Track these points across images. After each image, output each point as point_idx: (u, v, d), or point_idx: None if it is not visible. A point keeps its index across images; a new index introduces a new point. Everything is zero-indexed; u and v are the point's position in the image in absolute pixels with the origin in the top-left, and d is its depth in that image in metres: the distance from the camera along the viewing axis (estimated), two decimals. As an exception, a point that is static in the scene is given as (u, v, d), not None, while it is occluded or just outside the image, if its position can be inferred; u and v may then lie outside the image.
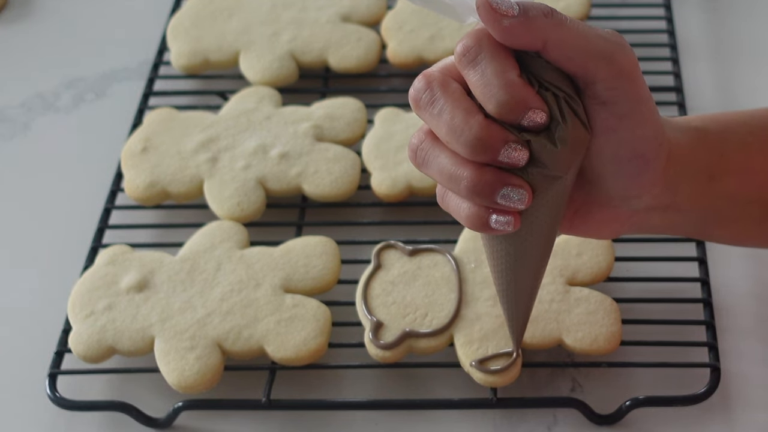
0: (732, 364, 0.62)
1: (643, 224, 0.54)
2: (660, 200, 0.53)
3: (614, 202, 0.52)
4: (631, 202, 0.52)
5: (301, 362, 0.61)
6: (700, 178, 0.53)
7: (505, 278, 0.54)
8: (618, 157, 0.50)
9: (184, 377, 0.60)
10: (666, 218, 0.54)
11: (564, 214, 0.52)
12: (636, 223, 0.54)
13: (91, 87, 0.84)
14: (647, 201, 0.52)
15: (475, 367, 0.60)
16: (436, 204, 0.70)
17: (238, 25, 0.81)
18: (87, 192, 0.75)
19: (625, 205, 0.53)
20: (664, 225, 0.55)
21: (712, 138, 0.54)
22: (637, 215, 0.53)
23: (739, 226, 0.56)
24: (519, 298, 0.55)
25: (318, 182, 0.70)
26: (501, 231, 0.49)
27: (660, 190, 0.52)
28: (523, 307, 0.56)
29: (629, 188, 0.51)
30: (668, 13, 0.83)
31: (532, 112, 0.47)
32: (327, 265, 0.65)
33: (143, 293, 0.64)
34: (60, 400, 0.62)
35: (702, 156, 0.53)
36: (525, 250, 0.52)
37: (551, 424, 0.61)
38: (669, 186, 0.52)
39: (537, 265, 0.53)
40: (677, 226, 0.56)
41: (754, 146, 0.55)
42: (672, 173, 0.52)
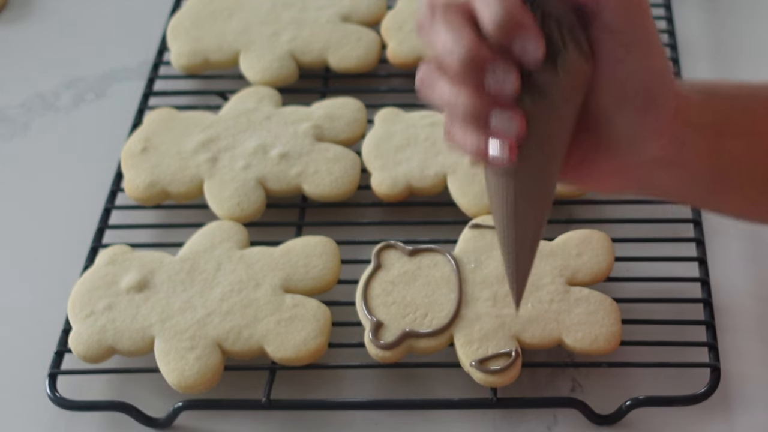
0: (732, 364, 0.62)
1: (648, 180, 0.54)
2: (666, 152, 0.52)
3: (622, 148, 0.51)
4: (638, 148, 0.51)
5: (301, 362, 0.61)
6: (706, 135, 0.53)
7: (506, 220, 0.52)
8: (625, 91, 0.49)
9: (184, 377, 0.60)
10: (671, 175, 0.54)
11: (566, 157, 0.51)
12: (642, 177, 0.53)
13: (91, 87, 0.84)
14: (654, 150, 0.52)
15: (475, 367, 0.60)
16: (436, 204, 0.70)
17: (238, 25, 0.81)
18: (87, 192, 0.75)
19: (632, 152, 0.51)
20: (670, 184, 0.54)
21: (719, 99, 0.54)
22: (643, 168, 0.52)
23: (744, 193, 0.56)
24: (520, 243, 0.53)
25: (318, 182, 0.70)
26: (499, 162, 0.48)
27: (667, 139, 0.51)
28: (524, 256, 0.54)
29: (637, 129, 0.50)
30: (668, 13, 0.83)
31: (525, 36, 0.47)
32: (327, 265, 0.65)
33: (143, 293, 0.64)
34: (60, 400, 0.62)
35: (709, 114, 0.53)
36: (525, 185, 0.51)
37: (551, 424, 0.61)
38: (676, 137, 0.52)
39: (537, 207, 0.52)
40: (682, 186, 0.55)
41: (760, 112, 0.55)
42: (679, 124, 0.51)
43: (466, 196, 0.69)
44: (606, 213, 0.71)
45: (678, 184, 0.55)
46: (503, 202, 0.51)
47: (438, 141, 0.71)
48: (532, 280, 0.63)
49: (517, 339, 0.61)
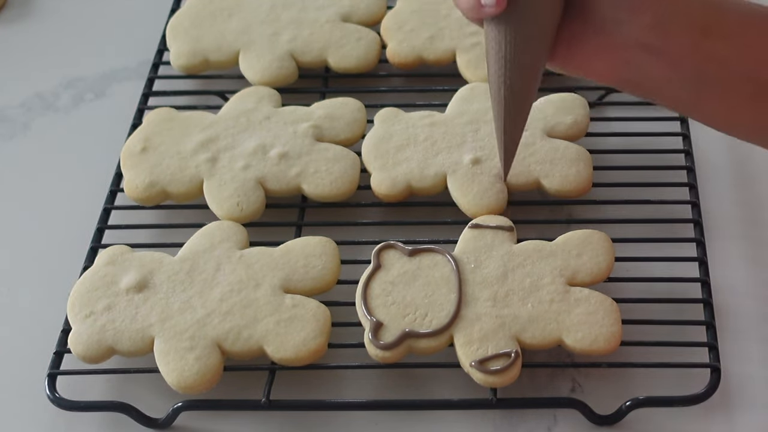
0: (732, 365, 0.62)
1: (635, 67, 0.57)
2: (650, 38, 0.56)
3: (607, 25, 0.56)
4: (622, 28, 0.55)
5: (301, 362, 0.61)
6: (692, 30, 0.56)
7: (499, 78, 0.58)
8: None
9: (184, 377, 0.60)
10: (657, 67, 0.56)
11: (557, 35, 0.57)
12: (629, 63, 0.57)
13: (91, 87, 0.84)
14: (638, 32, 0.55)
15: (475, 368, 0.60)
16: (436, 204, 0.70)
17: (237, 25, 0.81)
18: (87, 192, 0.75)
19: (616, 32, 0.56)
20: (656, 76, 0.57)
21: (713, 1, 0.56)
22: (629, 50, 0.56)
23: (732, 100, 0.58)
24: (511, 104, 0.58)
25: (318, 182, 0.70)
26: (490, 9, 0.55)
27: (649, 22, 0.55)
28: (513, 118, 0.59)
29: (619, 6, 0.55)
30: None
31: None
32: (327, 266, 0.65)
33: (143, 293, 0.64)
34: (59, 400, 0.62)
35: (698, 10, 0.56)
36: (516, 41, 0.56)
37: (551, 425, 0.61)
38: (659, 24, 0.55)
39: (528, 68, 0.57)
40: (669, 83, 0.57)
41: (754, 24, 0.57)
42: (663, 11, 0.55)
43: (466, 196, 0.69)
44: (606, 213, 0.71)
45: (664, 79, 0.57)
46: (497, 57, 0.57)
47: (438, 141, 0.71)
48: (532, 280, 0.63)
49: (517, 339, 0.61)
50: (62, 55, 0.87)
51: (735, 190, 0.72)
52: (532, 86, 0.59)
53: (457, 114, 0.73)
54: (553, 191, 0.69)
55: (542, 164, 0.70)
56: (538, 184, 0.69)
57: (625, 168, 0.72)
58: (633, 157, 0.73)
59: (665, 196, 0.71)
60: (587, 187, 0.69)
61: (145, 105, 0.79)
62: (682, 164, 0.72)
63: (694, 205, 0.69)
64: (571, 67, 0.59)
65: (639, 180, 0.72)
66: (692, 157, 0.72)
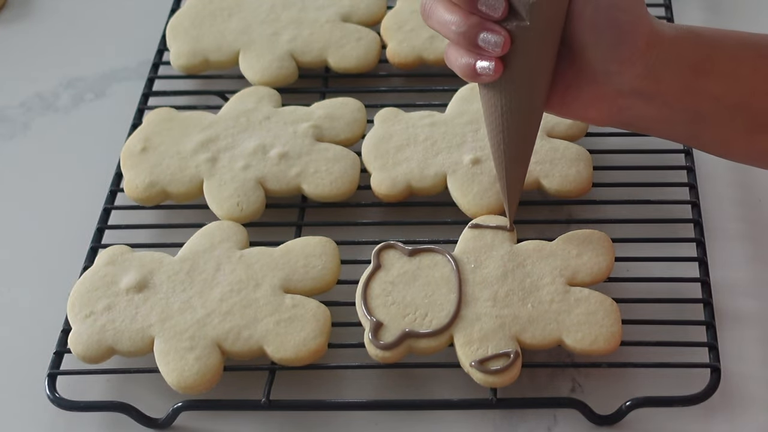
0: (732, 364, 0.62)
1: (629, 112, 0.58)
2: (642, 85, 0.56)
3: (599, 77, 0.56)
4: (614, 79, 0.56)
5: (301, 362, 0.61)
6: (684, 72, 0.56)
7: (497, 135, 0.59)
8: (595, 24, 0.55)
9: (184, 377, 0.60)
10: (651, 110, 0.57)
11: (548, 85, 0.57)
12: (623, 108, 0.58)
13: (91, 87, 0.84)
14: (630, 81, 0.56)
15: (475, 368, 0.60)
16: (436, 204, 0.70)
17: (237, 25, 0.81)
18: (87, 192, 0.75)
19: (609, 83, 0.56)
20: (651, 118, 0.58)
21: (702, 40, 0.57)
22: (622, 98, 0.57)
23: (727, 132, 0.59)
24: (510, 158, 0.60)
25: (318, 182, 0.70)
26: (485, 77, 0.56)
27: (640, 72, 0.56)
28: (514, 169, 0.60)
29: (607, 61, 0.55)
30: (668, 13, 0.83)
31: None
32: (327, 266, 0.65)
33: (143, 293, 0.64)
34: (59, 400, 0.62)
35: (689, 52, 0.57)
36: (512, 102, 0.57)
37: (551, 425, 0.61)
38: (651, 72, 0.56)
39: (525, 124, 0.58)
40: (664, 122, 0.58)
41: (745, 58, 0.58)
42: (654, 59, 0.55)
43: (466, 196, 0.68)
44: (606, 213, 0.71)
45: (659, 119, 0.58)
46: (493, 119, 0.58)
47: (438, 141, 0.71)
48: (532, 280, 0.63)
49: (517, 339, 0.61)
50: (62, 55, 0.87)
51: (735, 190, 0.72)
52: (530, 138, 0.60)
53: (457, 114, 0.73)
54: (553, 191, 0.69)
55: (542, 164, 0.70)
56: (538, 184, 0.69)
57: (625, 168, 0.72)
58: (633, 157, 0.73)
59: (665, 196, 0.71)
60: (587, 187, 0.69)
61: (145, 105, 0.79)
62: (682, 164, 0.72)
63: (694, 205, 0.69)
64: (566, 114, 0.59)
65: (639, 180, 0.72)
66: (692, 157, 0.72)
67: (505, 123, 0.58)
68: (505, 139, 0.59)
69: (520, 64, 0.56)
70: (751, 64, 0.57)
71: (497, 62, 0.56)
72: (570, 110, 0.59)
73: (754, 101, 0.57)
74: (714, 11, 0.87)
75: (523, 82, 0.57)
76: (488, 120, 0.59)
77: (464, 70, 0.56)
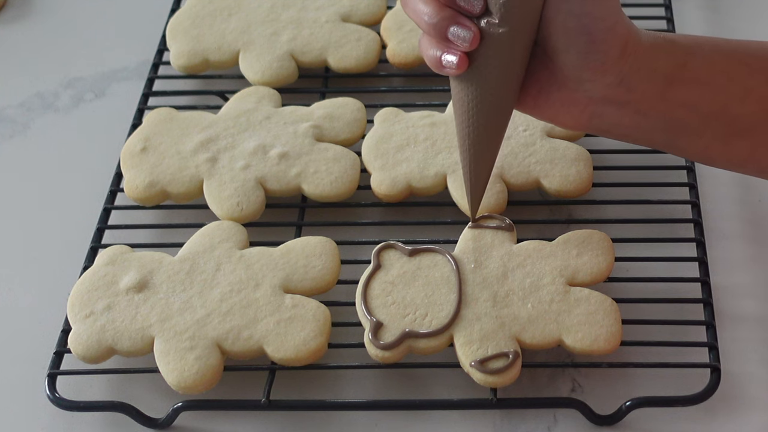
0: (732, 364, 0.62)
1: (602, 118, 0.57)
2: (614, 93, 0.56)
3: (570, 83, 0.56)
4: (585, 86, 0.56)
5: (301, 362, 0.61)
6: (657, 80, 0.56)
7: (463, 130, 0.59)
8: (567, 30, 0.54)
9: (184, 377, 0.60)
10: (625, 117, 0.57)
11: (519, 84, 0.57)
12: (595, 114, 0.57)
13: (91, 87, 0.84)
14: (601, 90, 0.56)
15: (475, 368, 0.60)
16: (436, 204, 0.70)
17: (237, 25, 0.81)
18: (87, 192, 0.75)
19: (580, 89, 0.56)
20: (624, 125, 0.57)
21: (677, 48, 0.56)
22: (594, 105, 0.56)
23: (704, 140, 0.58)
24: (475, 153, 0.59)
25: (318, 182, 0.70)
26: (450, 70, 0.56)
27: (612, 80, 0.55)
28: (478, 166, 0.60)
29: (580, 68, 0.55)
30: (668, 13, 0.83)
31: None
32: (327, 266, 0.65)
33: (143, 293, 0.64)
34: (59, 400, 0.62)
35: (663, 60, 0.56)
36: (480, 99, 0.57)
37: (551, 425, 0.61)
38: (623, 81, 0.55)
39: (492, 121, 0.58)
40: (638, 129, 0.58)
41: (720, 65, 0.57)
42: (627, 69, 0.55)
43: (466, 197, 0.68)
44: (606, 213, 0.71)
45: (634, 127, 0.58)
46: (461, 112, 0.58)
47: (438, 141, 0.71)
48: (532, 280, 0.63)
49: (517, 339, 0.61)
50: (62, 55, 0.87)
51: (735, 190, 0.72)
52: (497, 136, 0.60)
53: (457, 114, 0.73)
54: (553, 191, 0.69)
55: (542, 164, 0.70)
56: (538, 184, 0.69)
57: (625, 168, 0.72)
58: (633, 157, 0.73)
59: (665, 196, 0.71)
60: (587, 187, 0.69)
61: (145, 105, 0.79)
62: (682, 164, 0.72)
63: (694, 205, 0.69)
64: (539, 116, 0.59)
65: (639, 180, 0.72)
66: (692, 157, 0.72)
67: (472, 119, 0.58)
68: (471, 134, 0.59)
69: (490, 62, 0.56)
70: (726, 71, 0.57)
71: (462, 57, 0.56)
72: (542, 112, 0.59)
73: (730, 108, 0.57)
74: (714, 11, 0.87)
75: (492, 81, 0.57)
76: (456, 114, 0.59)
77: (432, 61, 0.57)
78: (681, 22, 0.85)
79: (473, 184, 0.62)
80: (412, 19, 0.57)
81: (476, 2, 0.55)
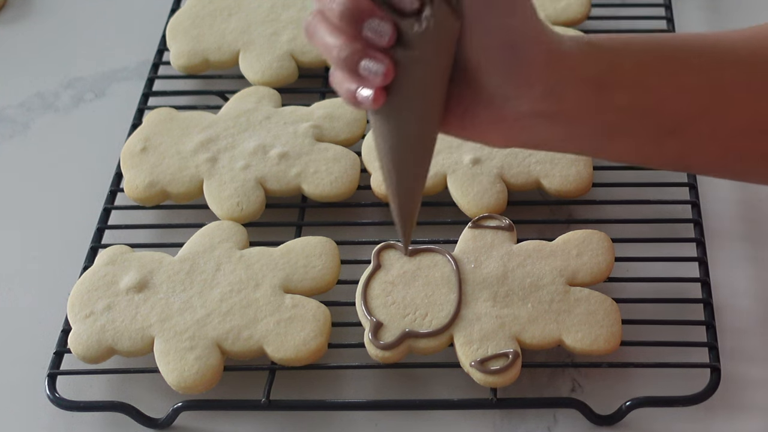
0: (732, 364, 0.62)
1: (533, 133, 0.54)
2: (544, 106, 0.53)
3: (496, 100, 0.53)
4: (512, 102, 0.53)
5: (301, 362, 0.61)
6: (587, 88, 0.53)
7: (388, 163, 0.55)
8: (487, 46, 0.51)
9: (184, 377, 0.60)
10: (556, 129, 0.54)
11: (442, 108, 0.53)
12: (524, 129, 0.54)
13: (91, 87, 0.84)
14: (529, 104, 0.53)
15: (475, 368, 0.60)
16: (436, 204, 0.70)
17: (237, 25, 0.81)
18: (86, 192, 0.75)
19: (507, 106, 0.53)
20: (557, 137, 0.55)
21: (604, 51, 0.54)
22: (523, 119, 0.53)
23: (637, 141, 0.56)
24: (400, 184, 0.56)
25: (318, 182, 0.70)
26: (366, 105, 0.51)
27: (540, 92, 0.52)
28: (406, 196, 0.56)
29: (505, 84, 0.52)
30: (668, 13, 0.83)
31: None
32: (327, 266, 0.65)
33: (143, 293, 0.64)
34: (59, 400, 0.62)
35: (591, 66, 0.53)
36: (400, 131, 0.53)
37: (551, 425, 0.61)
38: (552, 91, 0.52)
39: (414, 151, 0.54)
40: (573, 138, 0.55)
41: (651, 65, 0.55)
42: (555, 79, 0.52)
43: (466, 196, 0.69)
44: (606, 213, 0.71)
45: (564, 136, 0.55)
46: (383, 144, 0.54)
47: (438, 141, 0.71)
48: (532, 280, 0.63)
49: (517, 339, 0.61)
50: (62, 55, 0.87)
51: (735, 190, 0.72)
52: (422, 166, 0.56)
53: (457, 114, 0.73)
54: (553, 191, 0.69)
55: (542, 164, 0.70)
56: (538, 184, 0.70)
57: (625, 168, 0.72)
58: (633, 157, 0.73)
59: (665, 196, 0.71)
60: (587, 187, 0.69)
61: (145, 105, 0.79)
62: (682, 164, 0.72)
63: (694, 205, 0.69)
64: (466, 137, 0.56)
65: (639, 180, 0.72)
66: (692, 157, 0.72)
67: (394, 150, 0.55)
68: (396, 166, 0.55)
69: (408, 93, 0.52)
70: (655, 69, 0.55)
71: (378, 92, 0.51)
72: (469, 133, 0.55)
73: (662, 107, 0.55)
74: (714, 11, 0.87)
75: (411, 112, 0.52)
76: (378, 147, 0.55)
77: (346, 96, 0.52)
78: (681, 22, 0.85)
79: (403, 217, 0.58)
80: (321, 52, 0.52)
81: (386, 33, 0.50)
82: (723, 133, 0.56)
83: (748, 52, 0.56)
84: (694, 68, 0.55)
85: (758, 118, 0.56)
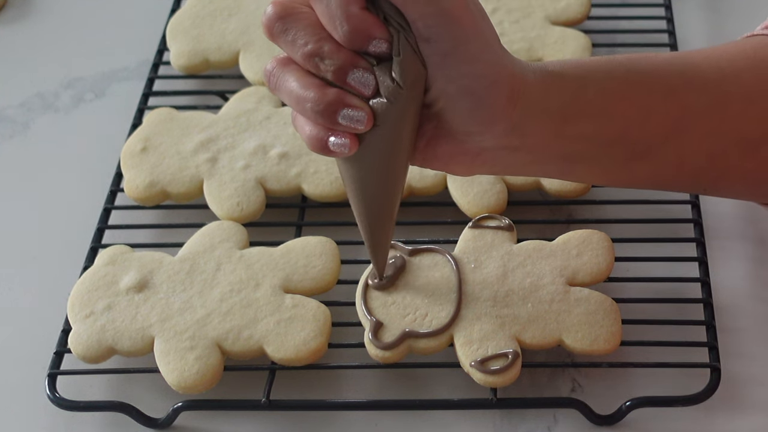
0: (732, 364, 0.62)
1: (497, 163, 0.55)
2: (508, 140, 0.53)
3: (459, 136, 0.53)
4: (475, 139, 0.53)
5: (301, 362, 0.61)
6: (551, 121, 0.53)
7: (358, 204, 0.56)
8: (448, 93, 0.51)
9: (184, 377, 0.60)
10: (520, 158, 0.54)
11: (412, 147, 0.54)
12: (488, 161, 0.54)
13: (91, 87, 0.84)
14: (492, 140, 0.53)
15: (475, 368, 0.60)
16: (436, 204, 0.70)
17: (237, 25, 0.81)
18: (87, 192, 0.75)
19: (470, 141, 0.53)
20: (521, 164, 0.55)
21: (568, 81, 0.54)
22: (485, 153, 0.54)
23: (602, 166, 0.56)
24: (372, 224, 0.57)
25: (318, 182, 0.70)
26: (339, 153, 0.52)
27: (503, 129, 0.52)
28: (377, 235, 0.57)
29: (468, 124, 0.52)
30: (668, 13, 0.83)
31: (376, 41, 0.50)
32: (327, 266, 0.65)
33: (143, 293, 0.64)
34: (59, 400, 0.62)
35: (554, 99, 0.53)
36: (371, 175, 0.54)
37: (551, 425, 0.61)
38: (516, 127, 0.52)
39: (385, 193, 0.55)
40: (536, 165, 0.56)
41: (615, 91, 0.55)
42: (519, 115, 0.52)
43: (466, 196, 0.69)
44: (606, 213, 0.71)
45: (529, 164, 0.55)
46: (353, 187, 0.55)
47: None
48: (532, 280, 0.63)
49: (517, 339, 0.61)
50: (62, 55, 0.87)
51: (735, 190, 0.72)
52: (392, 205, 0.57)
53: (457, 114, 0.73)
54: (553, 191, 0.69)
55: (542, 164, 0.70)
56: (538, 184, 0.70)
57: (625, 168, 0.72)
58: (633, 157, 0.73)
59: (665, 195, 0.71)
60: (587, 187, 0.69)
61: (145, 105, 0.79)
62: (682, 164, 0.72)
63: (694, 204, 0.69)
64: (429, 167, 0.56)
65: (639, 180, 0.72)
66: (692, 157, 0.72)
67: (365, 193, 0.55)
68: (367, 208, 0.56)
69: (380, 139, 0.52)
70: (620, 95, 0.54)
71: (352, 139, 0.51)
72: (431, 165, 0.55)
73: (628, 133, 0.55)
74: (714, 11, 0.87)
75: (383, 156, 0.53)
76: (348, 188, 0.56)
77: (314, 143, 0.52)
78: (681, 22, 0.85)
79: (375, 249, 0.59)
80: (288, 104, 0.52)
81: (368, 83, 0.51)
82: (694, 155, 0.56)
83: (715, 73, 0.56)
84: (660, 92, 0.55)
85: (730, 138, 0.56)
